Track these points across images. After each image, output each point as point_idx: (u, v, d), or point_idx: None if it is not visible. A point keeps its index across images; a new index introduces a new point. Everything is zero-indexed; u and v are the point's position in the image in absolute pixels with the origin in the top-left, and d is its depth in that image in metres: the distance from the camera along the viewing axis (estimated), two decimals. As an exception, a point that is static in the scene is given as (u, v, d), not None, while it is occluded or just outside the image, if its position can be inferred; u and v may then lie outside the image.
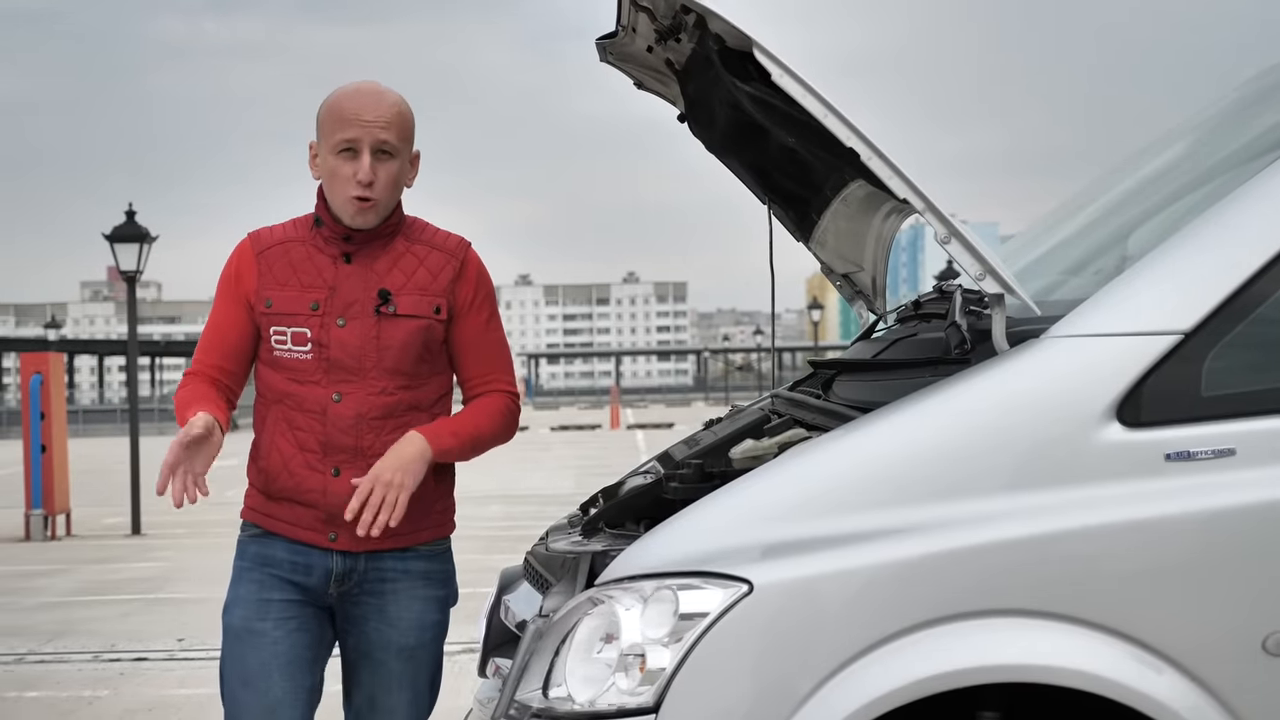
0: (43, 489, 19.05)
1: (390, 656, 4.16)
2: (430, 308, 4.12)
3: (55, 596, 13.66)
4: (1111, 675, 3.38)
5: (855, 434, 3.63)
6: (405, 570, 4.16)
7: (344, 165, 4.03)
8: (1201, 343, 3.50)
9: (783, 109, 3.94)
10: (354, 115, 4.01)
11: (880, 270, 5.25)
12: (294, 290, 4.09)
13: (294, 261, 4.11)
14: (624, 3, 4.48)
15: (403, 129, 4.08)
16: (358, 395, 4.05)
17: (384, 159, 4.04)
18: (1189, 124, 5.14)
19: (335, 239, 4.11)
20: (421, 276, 4.13)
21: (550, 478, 27.92)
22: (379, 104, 4.05)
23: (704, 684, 3.42)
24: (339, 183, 4.04)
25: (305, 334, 4.07)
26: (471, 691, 4.77)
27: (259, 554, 4.14)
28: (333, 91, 4.11)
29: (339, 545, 4.08)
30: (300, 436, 4.07)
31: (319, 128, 4.09)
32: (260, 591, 4.10)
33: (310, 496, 4.06)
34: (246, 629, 4.08)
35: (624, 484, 4.57)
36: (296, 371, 4.07)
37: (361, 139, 4.01)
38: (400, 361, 4.08)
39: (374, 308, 4.07)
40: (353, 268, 4.09)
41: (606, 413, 65.92)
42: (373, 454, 4.04)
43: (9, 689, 9.40)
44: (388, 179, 4.05)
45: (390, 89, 4.12)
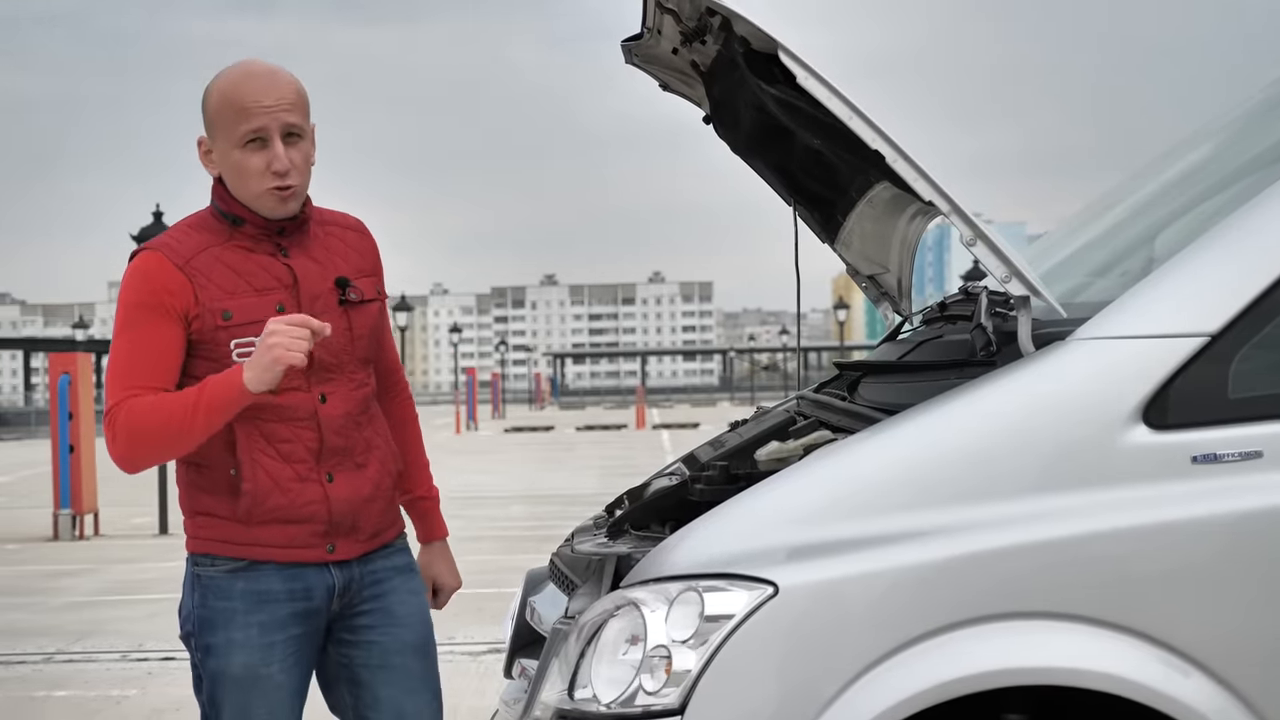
0: (70, 489, 19.10)
1: (409, 658, 3.98)
2: (375, 288, 3.99)
3: (83, 596, 13.71)
4: (1137, 678, 3.37)
5: (881, 436, 3.63)
6: (394, 567, 4.01)
7: (253, 157, 3.75)
8: (1228, 345, 3.49)
9: (808, 111, 3.94)
10: (254, 102, 3.73)
11: (906, 272, 5.24)
12: (248, 297, 3.78)
13: (233, 266, 3.80)
14: (649, 5, 4.48)
15: (304, 106, 3.82)
16: (341, 392, 3.87)
17: (294, 141, 3.78)
18: (1215, 125, 5.13)
19: (266, 235, 3.83)
20: (354, 258, 3.97)
21: (575, 478, 27.94)
22: (277, 85, 3.78)
23: (729, 686, 3.42)
24: (251, 177, 3.76)
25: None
26: (497, 693, 4.78)
27: (249, 591, 3.82)
28: (216, 79, 3.83)
29: (337, 555, 3.87)
30: (286, 449, 3.80)
31: (211, 122, 3.80)
32: (263, 635, 3.81)
33: (308, 510, 3.81)
34: (251, 676, 3.81)
35: (649, 486, 4.57)
36: None
37: (269, 126, 3.74)
38: (369, 349, 3.96)
39: (338, 299, 3.87)
40: (297, 261, 3.85)
41: (632, 413, 65.91)
42: (358, 451, 3.89)
43: (38, 688, 9.44)
44: (302, 161, 3.80)
45: (277, 65, 3.85)
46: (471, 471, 30.06)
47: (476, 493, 24.02)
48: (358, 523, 3.90)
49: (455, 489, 23.37)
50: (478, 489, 24.96)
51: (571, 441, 44.58)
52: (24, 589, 14.25)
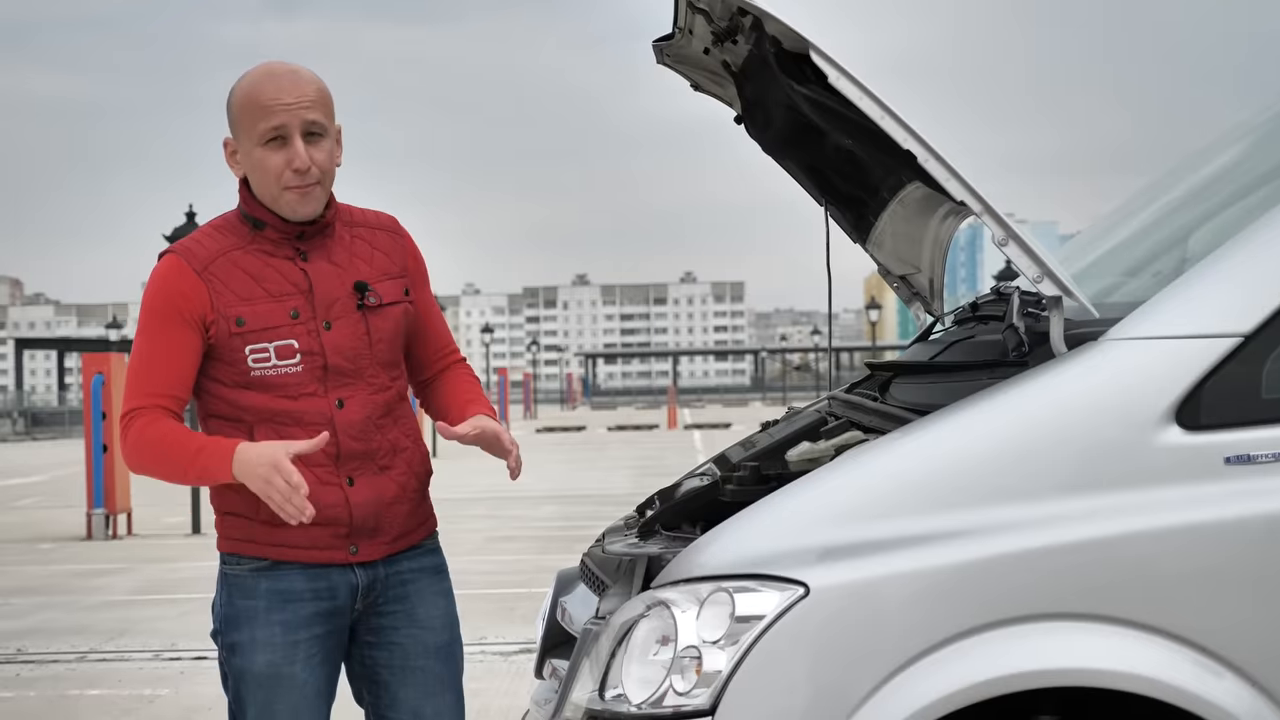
0: (104, 488, 19.19)
1: (431, 660, 3.97)
2: (400, 290, 3.95)
3: (116, 595, 13.77)
4: (1170, 679, 3.36)
5: (912, 437, 3.63)
6: (420, 569, 3.99)
7: (273, 155, 3.75)
8: (1262, 345, 3.47)
9: (839, 111, 3.94)
10: (274, 100, 3.74)
11: (938, 272, 5.23)
12: (264, 303, 3.79)
13: (250, 272, 3.80)
14: (681, 5, 4.48)
15: (326, 105, 3.82)
16: (360, 397, 3.84)
17: (316, 140, 3.78)
18: (1249, 124, 5.11)
19: (286, 239, 3.84)
20: (380, 260, 3.94)
21: (607, 478, 27.95)
22: (298, 83, 3.78)
23: (760, 686, 3.42)
24: (271, 175, 3.76)
25: (292, 345, 3.78)
26: (528, 693, 4.78)
27: (274, 590, 3.84)
28: (240, 79, 3.83)
29: (361, 557, 3.86)
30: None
31: (235, 122, 3.81)
32: (286, 634, 3.83)
33: (329, 513, 3.79)
34: (274, 675, 3.83)
35: (680, 486, 4.57)
36: (287, 387, 3.79)
37: (289, 124, 3.74)
38: (391, 353, 3.92)
39: (355, 304, 3.85)
40: (315, 266, 3.84)
41: (664, 413, 65.93)
42: (381, 454, 3.87)
43: (71, 687, 9.48)
44: (324, 160, 3.79)
45: (300, 65, 3.85)
46: (503, 472, 30.04)
47: (508, 493, 24.03)
48: (380, 525, 3.88)
49: (487, 489, 23.41)
50: (509, 489, 24.94)
51: (603, 442, 44.61)
52: (58, 588, 14.32)
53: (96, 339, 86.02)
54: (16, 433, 66.07)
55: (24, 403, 78.08)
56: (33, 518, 22.50)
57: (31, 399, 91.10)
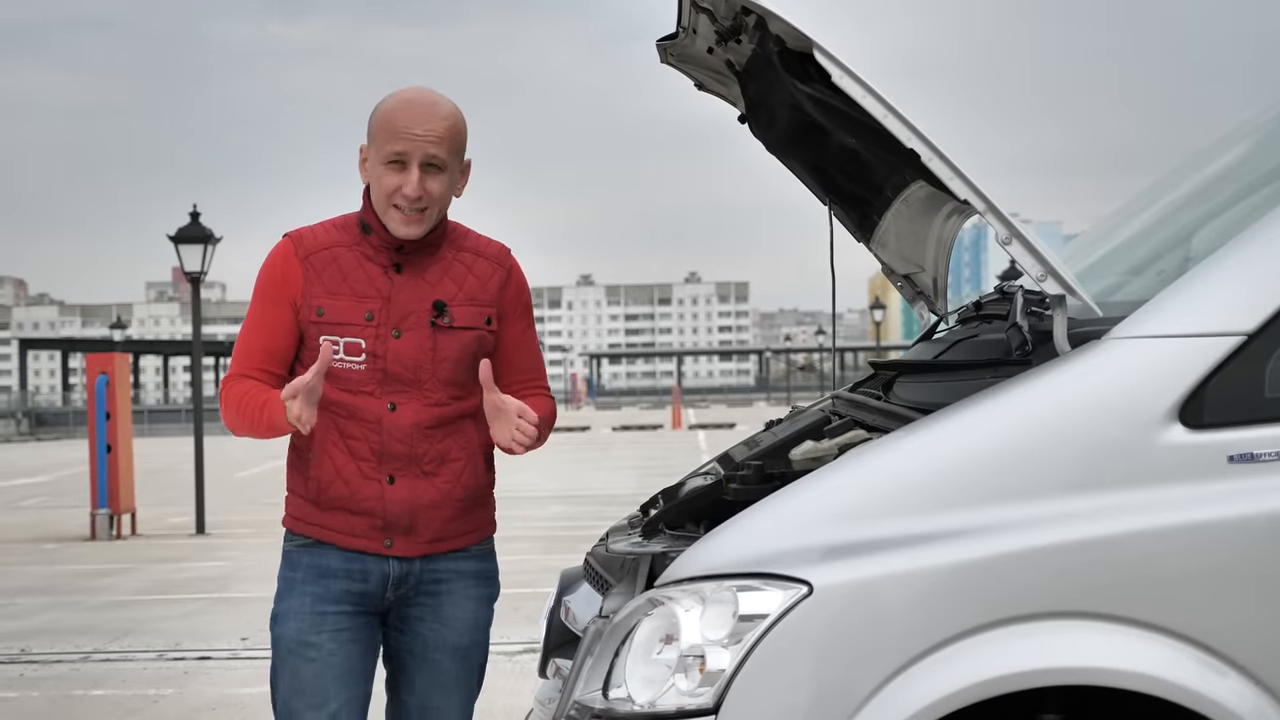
0: (108, 488, 19.20)
1: (445, 656, 4.16)
2: (482, 319, 4.10)
3: (121, 595, 13.77)
4: (1174, 678, 3.36)
5: (916, 435, 3.63)
6: (458, 571, 4.16)
7: (391, 176, 3.97)
8: (1265, 344, 3.47)
9: (843, 110, 3.93)
10: (405, 128, 3.95)
11: (941, 271, 5.23)
12: (347, 300, 4.03)
13: (344, 269, 4.05)
14: (684, 4, 4.48)
15: (454, 142, 4.01)
16: (413, 405, 4.03)
17: (433, 173, 3.98)
18: (1253, 123, 5.11)
19: (386, 248, 4.05)
20: (471, 285, 4.10)
21: (611, 478, 27.96)
22: (431, 117, 3.97)
23: (764, 685, 3.42)
24: (384, 192, 3.98)
25: (360, 344, 4.01)
26: (532, 692, 4.78)
27: (312, 565, 4.09)
28: (387, 97, 4.05)
29: (395, 551, 4.06)
30: (353, 445, 4.03)
31: (370, 135, 4.03)
32: (315, 605, 4.06)
33: (366, 505, 4.03)
34: (301, 642, 4.06)
35: (684, 485, 4.57)
36: (348, 381, 4.01)
37: (411, 153, 3.95)
38: (455, 373, 4.06)
39: (429, 320, 4.04)
40: (404, 277, 4.05)
41: (668, 413, 65.93)
42: (427, 460, 4.04)
43: (75, 687, 9.49)
44: (437, 192, 4.00)
45: (445, 98, 4.05)
46: (508, 471, 29.94)
47: (513, 493, 24.01)
48: (415, 525, 4.06)
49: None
50: (515, 489, 24.95)
51: (608, 441, 44.61)
52: (62, 588, 14.33)
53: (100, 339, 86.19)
54: (21, 433, 66.17)
55: (28, 403, 78.18)
56: (37, 518, 22.52)
57: (36, 399, 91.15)
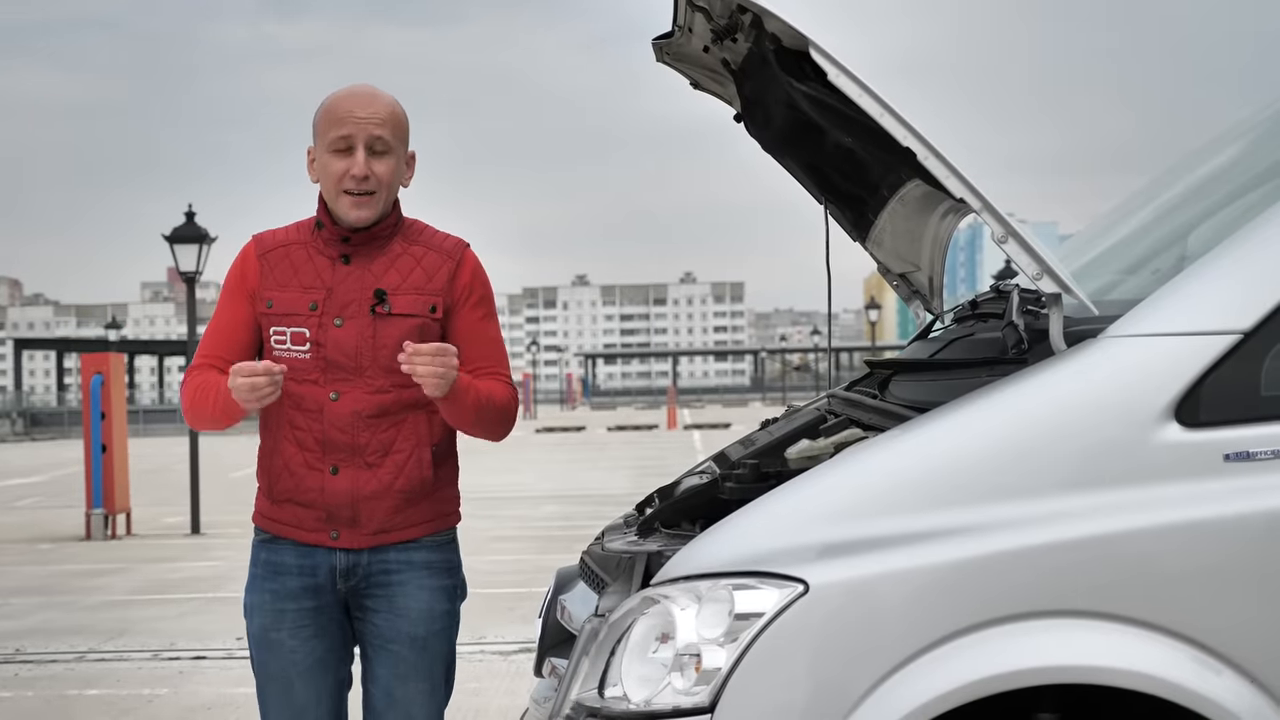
0: (103, 488, 19.19)
1: (403, 647, 4.19)
2: (425, 307, 4.17)
3: (115, 595, 13.76)
4: (1170, 677, 3.36)
5: (912, 434, 3.62)
6: (408, 561, 4.20)
7: (338, 162, 4.09)
8: (1261, 342, 3.47)
9: (839, 108, 3.93)
10: (347, 113, 4.09)
11: (937, 270, 5.23)
12: (294, 291, 4.17)
13: (295, 263, 4.20)
14: (680, 3, 4.48)
15: (397, 128, 4.14)
16: (354, 394, 4.12)
17: (379, 156, 4.11)
18: (1248, 122, 5.11)
19: (334, 241, 4.17)
20: (417, 276, 4.18)
21: (607, 477, 27.95)
22: (373, 102, 4.13)
23: (759, 684, 3.42)
24: (333, 180, 4.11)
25: (304, 334, 4.14)
26: (527, 691, 4.78)
27: (268, 561, 4.23)
28: (327, 96, 4.18)
29: (341, 543, 4.16)
30: (300, 436, 4.15)
31: (315, 131, 4.17)
32: (275, 601, 4.21)
33: (309, 496, 4.14)
34: (265, 638, 4.23)
35: (680, 484, 4.56)
36: (296, 371, 4.12)
37: (355, 135, 4.08)
38: (396, 360, 4.05)
39: (370, 307, 4.13)
40: (350, 268, 4.16)
41: (663, 413, 65.93)
42: (370, 451, 4.12)
43: (70, 687, 9.48)
44: (384, 174, 4.11)
45: (384, 91, 4.19)
46: (503, 471, 30.09)
47: (508, 493, 24.04)
48: (358, 517, 4.14)
49: (487, 489, 23.40)
50: (510, 489, 24.98)
51: (603, 442, 44.61)
52: (57, 588, 14.31)
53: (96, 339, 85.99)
54: (16, 433, 66.09)
55: (23, 403, 78.08)
56: (32, 518, 22.50)
57: (30, 399, 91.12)
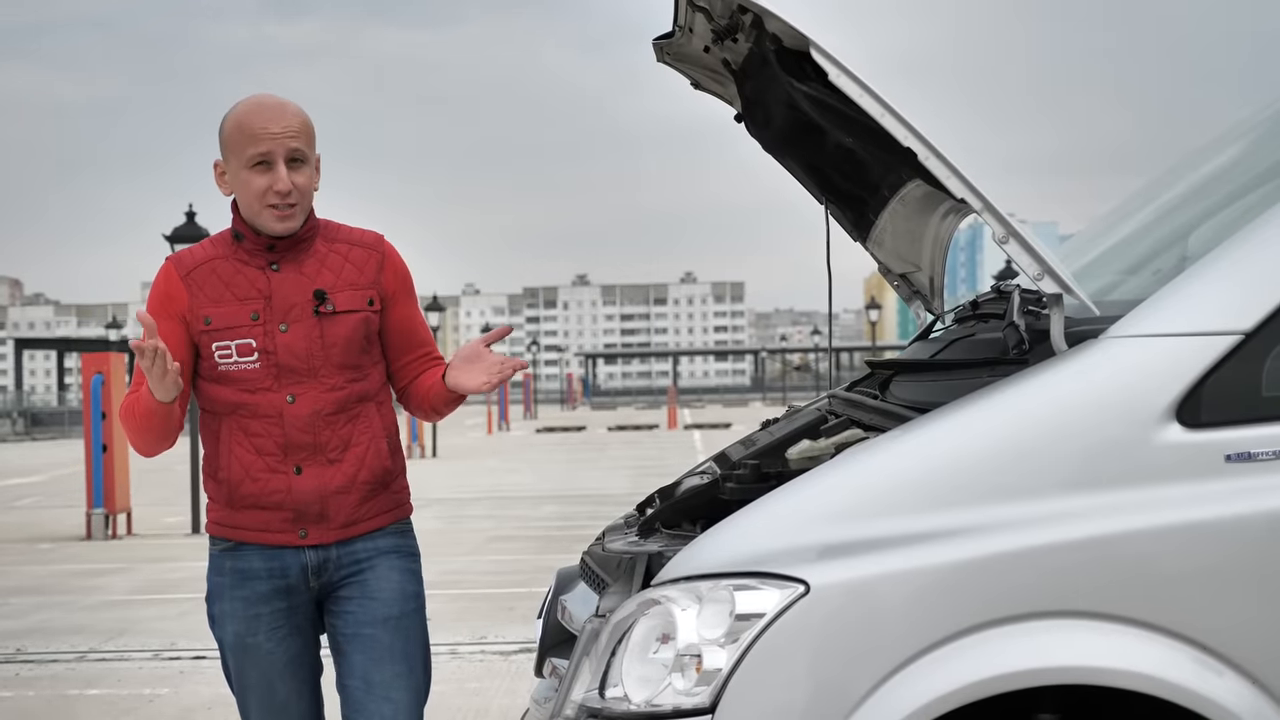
0: (104, 488, 19.18)
1: (379, 630, 4.24)
2: (364, 301, 4.26)
3: (116, 595, 13.76)
4: (1171, 677, 3.36)
5: (913, 434, 3.62)
6: (377, 548, 4.28)
7: (258, 178, 4.14)
8: (1262, 343, 3.47)
9: (840, 109, 3.93)
10: (262, 129, 4.12)
11: (938, 270, 5.23)
12: (230, 305, 4.19)
13: (223, 277, 4.22)
14: (681, 3, 4.48)
15: (309, 136, 4.20)
16: (311, 394, 4.18)
17: (297, 167, 4.16)
18: (1249, 122, 5.10)
19: (259, 250, 4.22)
20: (349, 273, 4.26)
21: (607, 478, 27.94)
22: (284, 115, 4.16)
23: (760, 684, 3.42)
24: (255, 196, 4.15)
25: (250, 344, 4.17)
26: (528, 692, 4.78)
27: (235, 569, 4.25)
28: (232, 109, 4.21)
29: (310, 540, 4.22)
30: (258, 442, 4.18)
31: (225, 146, 4.19)
32: (247, 607, 4.25)
33: (275, 498, 4.18)
34: (241, 645, 4.28)
35: (680, 484, 4.56)
36: (246, 382, 4.18)
37: (274, 150, 4.12)
38: (346, 356, 4.22)
39: (313, 309, 4.20)
40: (283, 274, 4.21)
41: (664, 413, 65.94)
42: (331, 448, 4.19)
43: (71, 686, 9.47)
44: (304, 184, 4.17)
45: (288, 99, 4.24)
46: (503, 472, 30.10)
47: (508, 493, 24.04)
48: (326, 512, 4.20)
49: (487, 489, 23.41)
50: (510, 489, 24.98)
51: (603, 442, 44.60)
52: (57, 588, 14.31)
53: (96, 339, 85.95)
54: (16, 433, 66.07)
55: (24, 403, 78.07)
56: (32, 518, 22.49)
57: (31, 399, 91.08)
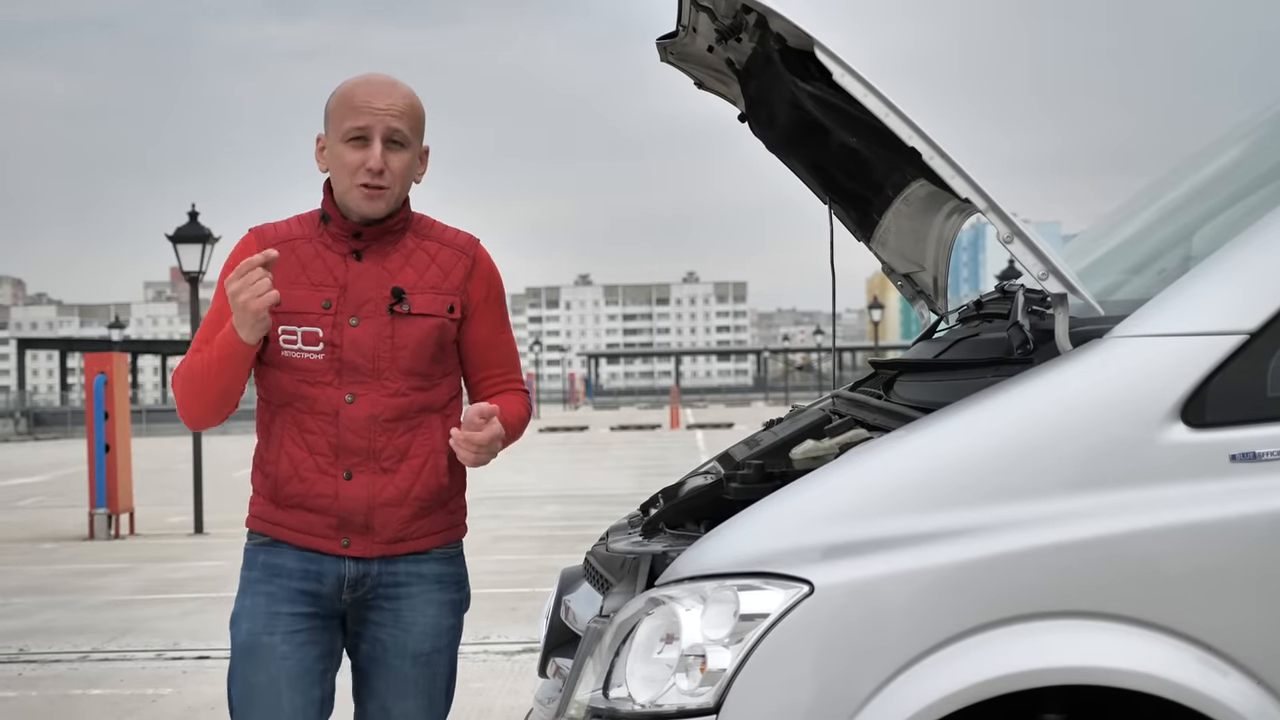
0: (106, 488, 19.19)
1: (405, 662, 4.04)
2: (444, 306, 4.02)
3: (119, 595, 13.76)
4: (1175, 678, 3.35)
5: (917, 434, 3.62)
6: (419, 574, 4.04)
7: (353, 153, 3.92)
8: (1267, 343, 3.46)
9: (844, 108, 3.93)
10: (365, 103, 3.92)
11: (942, 270, 5.22)
12: (304, 289, 3.96)
13: (302, 259, 3.99)
14: (684, 2, 4.47)
15: (414, 120, 3.98)
16: (371, 396, 3.94)
17: (395, 149, 3.94)
18: (1253, 122, 5.10)
19: (344, 236, 4.00)
20: (434, 274, 4.02)
21: (610, 477, 27.95)
22: (391, 93, 3.95)
23: (765, 685, 3.41)
24: (347, 171, 3.93)
25: (317, 333, 3.95)
26: (531, 692, 4.78)
27: (268, 564, 4.01)
28: (342, 83, 4.02)
29: (351, 551, 3.97)
30: (310, 440, 3.95)
31: (328, 118, 3.99)
32: (270, 604, 3.98)
33: (321, 502, 3.94)
34: (254, 643, 3.97)
35: (684, 484, 4.56)
36: (307, 372, 3.95)
37: (373, 126, 3.91)
38: (415, 361, 3.98)
39: (388, 306, 3.96)
40: (364, 265, 3.98)
41: (666, 413, 65.94)
42: (385, 456, 3.95)
43: (74, 686, 9.48)
44: (399, 168, 3.94)
45: (402, 82, 4.02)
46: (506, 471, 30.09)
47: (511, 492, 24.03)
48: (372, 524, 3.96)
49: (490, 488, 23.40)
50: (513, 489, 24.97)
51: (606, 441, 44.60)
52: (60, 588, 14.32)
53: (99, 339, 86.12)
54: (19, 433, 66.14)
55: (26, 403, 78.18)
56: (35, 518, 22.51)
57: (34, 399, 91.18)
